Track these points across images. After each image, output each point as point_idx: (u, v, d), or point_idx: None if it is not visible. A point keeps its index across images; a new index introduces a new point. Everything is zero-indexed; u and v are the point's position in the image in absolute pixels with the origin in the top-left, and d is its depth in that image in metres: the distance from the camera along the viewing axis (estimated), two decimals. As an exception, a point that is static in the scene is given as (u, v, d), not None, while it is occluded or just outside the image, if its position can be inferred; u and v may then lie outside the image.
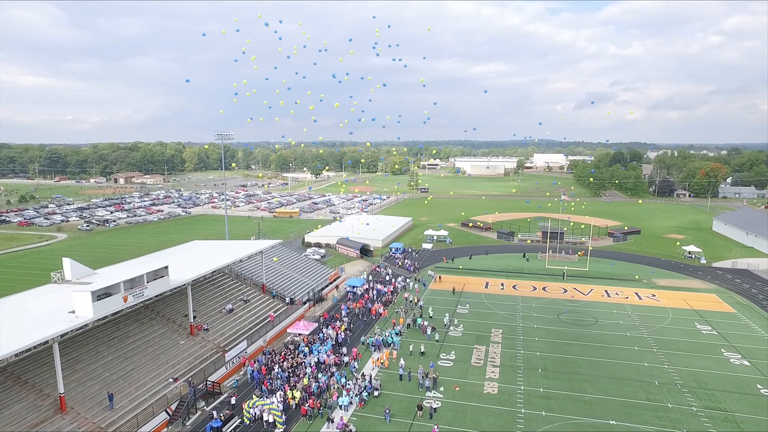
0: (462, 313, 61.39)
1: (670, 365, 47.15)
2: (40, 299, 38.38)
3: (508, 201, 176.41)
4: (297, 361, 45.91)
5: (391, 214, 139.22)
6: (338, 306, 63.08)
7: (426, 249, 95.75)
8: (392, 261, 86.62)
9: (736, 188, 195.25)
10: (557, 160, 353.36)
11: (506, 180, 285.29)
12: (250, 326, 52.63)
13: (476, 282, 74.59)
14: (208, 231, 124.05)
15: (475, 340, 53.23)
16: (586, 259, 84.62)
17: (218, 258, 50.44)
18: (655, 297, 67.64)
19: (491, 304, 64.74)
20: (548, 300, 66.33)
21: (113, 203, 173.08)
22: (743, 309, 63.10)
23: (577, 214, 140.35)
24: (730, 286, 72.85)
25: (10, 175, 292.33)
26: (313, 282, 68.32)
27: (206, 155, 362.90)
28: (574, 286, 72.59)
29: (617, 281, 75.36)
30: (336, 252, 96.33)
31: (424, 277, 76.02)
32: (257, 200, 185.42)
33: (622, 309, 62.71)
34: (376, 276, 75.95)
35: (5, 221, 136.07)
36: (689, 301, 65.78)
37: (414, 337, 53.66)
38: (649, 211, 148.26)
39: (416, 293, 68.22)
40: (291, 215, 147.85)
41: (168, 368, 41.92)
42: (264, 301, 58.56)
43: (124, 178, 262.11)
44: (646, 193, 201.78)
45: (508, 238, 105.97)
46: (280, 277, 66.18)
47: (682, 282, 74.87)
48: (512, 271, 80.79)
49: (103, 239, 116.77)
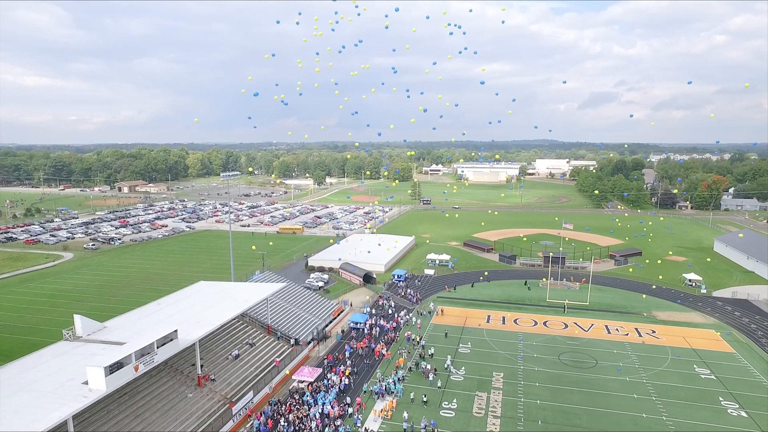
0: (464, 352, 62.34)
1: (669, 416, 47.99)
2: (53, 364, 39.40)
3: (511, 215, 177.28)
4: (302, 413, 46.95)
5: (393, 230, 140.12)
6: (342, 344, 64.14)
7: (428, 275, 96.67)
8: (395, 289, 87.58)
9: (739, 200, 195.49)
10: (559, 165, 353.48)
11: (507, 189, 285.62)
12: (256, 372, 53.66)
13: (478, 315, 75.50)
14: (212, 251, 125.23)
15: (477, 385, 54.16)
16: (587, 286, 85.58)
17: (225, 309, 51.35)
18: (655, 333, 68.43)
19: (492, 342, 65.66)
20: (549, 337, 67.19)
21: (118, 217, 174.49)
22: (742, 349, 63.83)
23: (580, 231, 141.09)
24: (730, 320, 73.57)
25: (15, 183, 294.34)
26: (317, 318, 69.34)
27: (209, 161, 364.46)
28: (575, 320, 73.42)
29: (618, 314, 76.14)
30: (339, 277, 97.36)
31: (426, 311, 76.90)
32: (261, 213, 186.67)
33: (622, 349, 63.52)
34: (379, 309, 76.93)
35: (12, 238, 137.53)
36: (689, 339, 66.55)
37: (416, 381, 54.68)
38: (651, 228, 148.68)
39: (418, 329, 69.24)
40: (294, 231, 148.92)
41: (177, 425, 42.95)
42: (269, 344, 59.60)
43: (128, 186, 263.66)
44: (648, 204, 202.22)
45: (510, 261, 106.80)
46: (285, 314, 67.21)
47: (682, 315, 75.61)
48: (514, 302, 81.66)
49: (108, 259, 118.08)
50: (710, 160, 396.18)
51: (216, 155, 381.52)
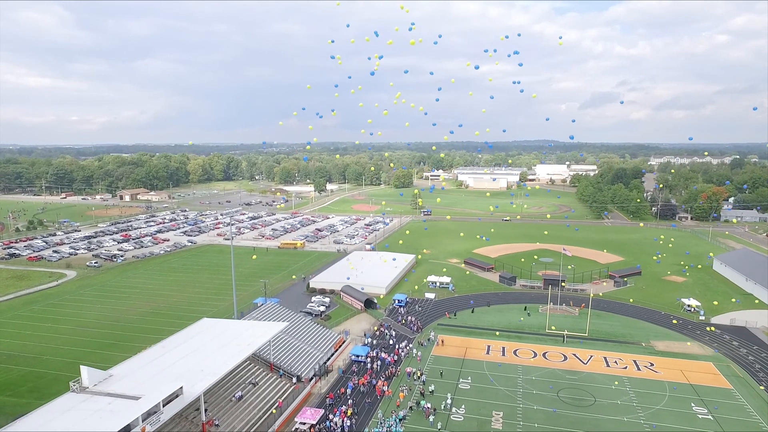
0: (464, 389, 63.11)
1: (665, 462, 48.76)
2: (61, 421, 40.09)
3: (511, 227, 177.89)
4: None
5: (394, 244, 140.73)
6: (344, 379, 64.99)
7: (429, 299, 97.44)
8: (395, 316, 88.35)
9: (738, 212, 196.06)
10: (560, 171, 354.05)
11: (508, 196, 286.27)
12: (260, 414, 54.45)
13: (478, 346, 76.22)
14: (213, 268, 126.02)
15: (477, 425, 54.94)
16: (587, 311, 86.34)
17: (228, 355, 52.09)
18: (653, 367, 69.17)
19: (492, 377, 66.42)
20: (548, 372, 67.88)
21: (120, 230, 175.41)
22: (739, 384, 64.52)
23: (580, 246, 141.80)
24: (728, 351, 74.27)
25: (16, 190, 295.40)
26: (319, 352, 70.12)
27: (210, 167, 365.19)
28: (574, 351, 74.13)
29: (617, 344, 76.85)
30: (341, 300, 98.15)
31: (426, 340, 77.63)
32: (262, 225, 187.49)
33: (621, 384, 64.24)
34: (379, 340, 77.69)
35: (15, 255, 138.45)
36: (687, 373, 67.28)
37: (417, 422, 55.49)
38: (651, 242, 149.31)
39: (418, 361, 70.04)
40: (295, 246, 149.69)
41: (182, 477, 43.76)
42: (272, 382, 60.39)
43: (129, 195, 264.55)
44: (648, 215, 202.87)
45: (510, 283, 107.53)
46: (287, 349, 67.98)
47: (680, 346, 76.27)
48: (513, 330, 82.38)
49: (111, 278, 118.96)
50: (711, 164, 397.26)
51: (217, 161, 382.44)
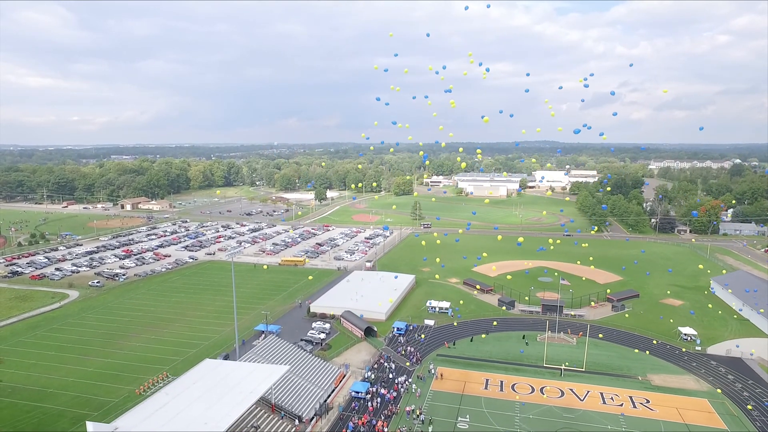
0: (462, 428, 64.07)
1: None
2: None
3: (511, 240, 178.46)
4: None
5: (393, 262, 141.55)
6: (344, 417, 65.97)
7: (428, 325, 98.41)
8: (395, 345, 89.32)
9: (737, 225, 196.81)
10: (559, 179, 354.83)
11: (509, 204, 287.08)
12: (261, 460, 55.43)
13: (477, 379, 77.13)
14: (215, 288, 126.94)
15: (475, 471, 55.96)
16: (584, 340, 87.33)
17: (231, 405, 52.97)
18: (649, 404, 70.12)
19: (490, 414, 67.35)
20: (546, 409, 68.81)
21: (121, 244, 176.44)
22: (733, 423, 65.41)
23: (580, 263, 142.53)
24: (723, 386, 75.14)
25: (18, 199, 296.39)
26: (320, 389, 71.06)
27: (211, 173, 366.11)
28: (571, 386, 75.05)
29: (614, 378, 77.79)
30: (341, 326, 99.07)
31: (425, 374, 78.54)
32: (262, 238, 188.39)
33: (616, 425, 65.16)
34: (379, 373, 78.60)
35: (18, 273, 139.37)
36: (682, 412, 68.20)
37: (416, 467, 56.46)
38: (650, 259, 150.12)
39: (417, 397, 71.02)
40: (296, 264, 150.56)
41: None
42: (273, 424, 61.35)
43: (130, 204, 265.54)
44: (648, 228, 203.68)
45: (509, 307, 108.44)
46: (288, 388, 68.92)
47: (677, 380, 77.18)
48: (511, 362, 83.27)
49: (113, 299, 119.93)
50: (710, 170, 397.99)
51: (217, 166, 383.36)
